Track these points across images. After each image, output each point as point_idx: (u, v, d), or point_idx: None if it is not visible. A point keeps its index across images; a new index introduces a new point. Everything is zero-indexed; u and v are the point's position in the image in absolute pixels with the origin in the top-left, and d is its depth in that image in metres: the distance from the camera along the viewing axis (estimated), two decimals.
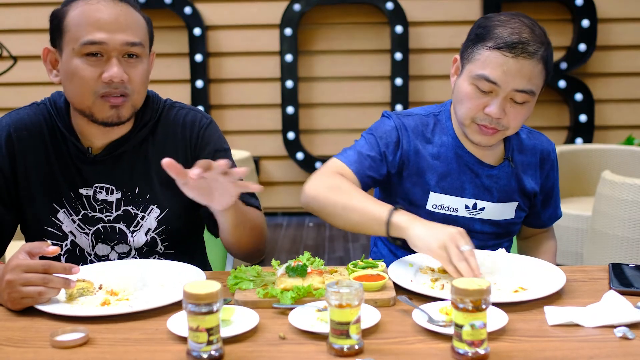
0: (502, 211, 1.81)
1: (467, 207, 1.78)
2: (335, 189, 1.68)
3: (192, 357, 1.16)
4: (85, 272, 1.57)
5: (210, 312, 1.15)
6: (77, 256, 1.71)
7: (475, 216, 1.79)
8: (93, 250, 1.73)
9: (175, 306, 1.39)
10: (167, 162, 1.41)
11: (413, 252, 1.64)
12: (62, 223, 1.70)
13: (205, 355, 1.16)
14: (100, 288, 1.50)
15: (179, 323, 1.28)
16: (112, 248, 1.73)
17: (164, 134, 1.74)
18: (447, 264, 1.47)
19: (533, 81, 1.63)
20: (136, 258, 1.74)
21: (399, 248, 1.78)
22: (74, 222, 1.70)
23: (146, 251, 1.75)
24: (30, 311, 1.39)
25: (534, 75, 1.63)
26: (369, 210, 1.62)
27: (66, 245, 1.72)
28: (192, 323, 1.15)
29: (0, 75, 4.42)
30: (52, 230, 1.70)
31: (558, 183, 1.92)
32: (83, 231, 1.71)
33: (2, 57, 4.68)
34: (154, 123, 1.73)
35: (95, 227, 1.71)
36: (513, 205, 1.82)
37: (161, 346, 1.24)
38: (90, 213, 1.70)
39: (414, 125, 1.79)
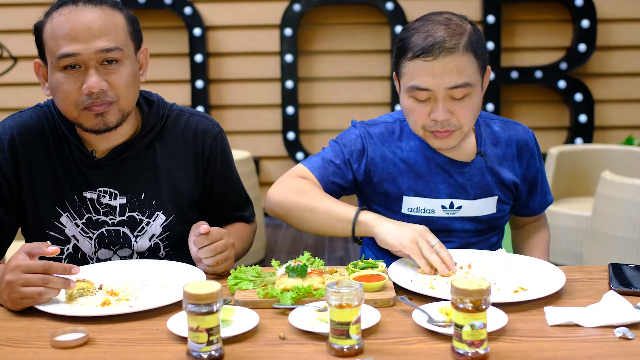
0: (480, 207, 1.80)
1: (443, 207, 1.78)
2: (299, 192, 1.72)
3: (192, 357, 1.16)
4: (85, 272, 1.57)
5: (210, 313, 1.15)
6: (78, 260, 1.71)
7: (453, 215, 1.78)
8: (95, 254, 1.73)
9: (175, 306, 1.39)
10: (205, 228, 1.53)
11: (398, 257, 1.66)
12: (65, 227, 1.69)
13: (205, 356, 1.16)
14: (100, 288, 1.50)
15: (179, 323, 1.28)
16: (115, 252, 1.73)
17: (174, 141, 1.74)
18: (419, 257, 1.55)
19: (464, 73, 1.62)
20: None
21: (384, 254, 1.79)
22: (77, 225, 1.69)
23: (148, 255, 1.75)
24: (30, 311, 1.39)
25: (462, 67, 1.62)
26: (335, 211, 1.68)
27: (68, 249, 1.71)
28: (192, 323, 1.16)
29: (0, 75, 4.42)
30: (54, 234, 1.69)
31: (543, 169, 1.90)
32: (86, 235, 1.70)
33: (2, 57, 4.68)
34: (159, 128, 1.73)
35: (99, 231, 1.70)
36: (493, 199, 1.81)
37: (161, 346, 1.24)
38: (94, 216, 1.69)
39: (379, 133, 1.80)
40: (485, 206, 1.80)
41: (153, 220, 1.72)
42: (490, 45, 5.06)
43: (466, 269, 1.60)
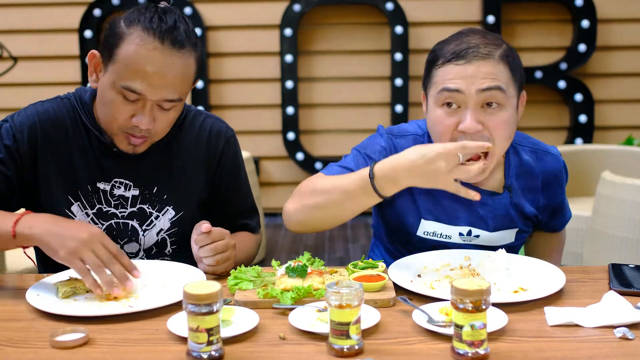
0: (499, 238, 1.73)
1: (461, 234, 1.71)
2: (310, 196, 1.60)
3: (192, 358, 1.16)
4: None
5: (210, 313, 1.15)
6: None
7: (470, 242, 1.72)
8: None
9: (176, 306, 1.39)
10: (206, 227, 1.55)
11: (412, 253, 1.65)
12: (75, 216, 1.71)
13: (205, 356, 1.16)
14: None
15: (179, 323, 1.28)
16: (122, 247, 1.74)
17: (190, 140, 1.78)
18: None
19: (498, 78, 1.53)
20: (143, 259, 1.74)
21: (397, 251, 1.78)
22: (88, 215, 1.72)
23: (155, 252, 1.76)
24: (30, 311, 1.40)
25: (496, 74, 1.53)
26: (347, 184, 1.53)
27: None
28: (192, 323, 1.16)
29: (0, 75, 4.42)
30: None
31: (564, 192, 1.81)
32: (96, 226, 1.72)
33: (2, 57, 4.68)
34: (179, 125, 1.76)
35: (108, 223, 1.72)
36: (512, 231, 1.74)
37: (161, 346, 1.24)
38: (105, 208, 1.72)
39: (404, 146, 1.64)
40: (504, 237, 1.74)
41: (162, 215, 1.75)
42: None
43: (468, 270, 1.60)
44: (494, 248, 1.71)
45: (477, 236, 1.72)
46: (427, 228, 1.71)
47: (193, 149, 1.78)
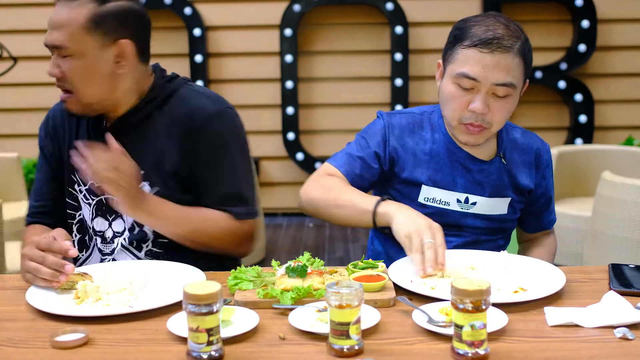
0: (494, 206, 1.83)
1: (459, 201, 1.80)
2: (326, 189, 1.77)
3: (192, 358, 1.16)
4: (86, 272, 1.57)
5: (210, 313, 1.15)
6: (82, 228, 1.82)
7: (467, 210, 1.81)
8: (92, 222, 1.78)
9: (176, 306, 1.39)
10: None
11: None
12: (79, 194, 1.80)
13: (205, 356, 1.16)
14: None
15: (179, 323, 1.28)
16: (110, 225, 1.77)
17: (170, 113, 1.75)
18: (408, 252, 1.57)
19: (512, 74, 1.68)
20: (128, 246, 1.74)
21: (393, 246, 1.78)
22: (81, 192, 1.79)
23: (137, 232, 1.74)
24: (30, 311, 1.40)
25: (512, 68, 1.68)
26: (357, 204, 1.71)
27: (80, 215, 1.82)
28: (192, 323, 1.16)
29: (0, 75, 4.42)
30: (70, 201, 1.82)
31: (553, 186, 1.95)
32: (87, 202, 1.79)
33: (2, 57, 4.68)
34: (160, 100, 1.75)
35: (98, 198, 1.77)
36: (505, 201, 1.84)
37: (161, 347, 1.24)
38: (95, 183, 1.73)
39: (405, 123, 1.84)
40: (498, 206, 1.83)
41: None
42: None
43: (469, 270, 1.60)
44: (489, 218, 1.82)
45: (474, 203, 1.81)
46: (427, 194, 1.81)
47: (169, 125, 1.74)
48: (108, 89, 1.70)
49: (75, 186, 1.80)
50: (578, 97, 5.08)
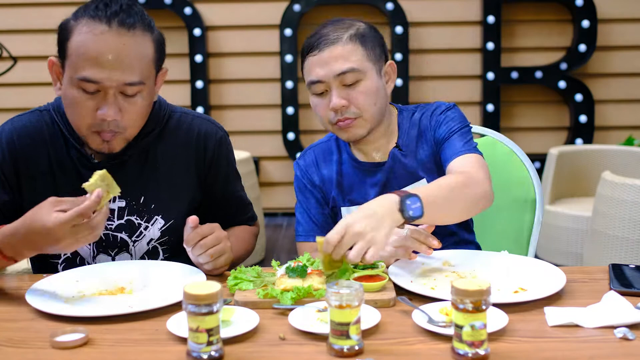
0: None
1: None
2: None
3: (192, 358, 1.16)
4: (85, 273, 1.57)
5: (210, 313, 1.15)
6: (77, 266, 1.68)
7: None
8: (94, 260, 1.71)
9: (175, 306, 1.39)
10: (193, 219, 1.51)
11: None
12: None
13: (205, 356, 1.16)
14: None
15: (179, 323, 1.28)
16: (113, 258, 1.71)
17: (176, 143, 1.72)
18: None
19: (350, 59, 1.70)
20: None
21: None
22: None
23: (147, 259, 1.73)
24: (30, 311, 1.40)
25: (347, 55, 1.70)
26: None
27: (65, 254, 1.69)
28: (192, 324, 1.15)
29: (0, 75, 4.42)
30: None
31: (460, 129, 1.77)
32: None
33: (2, 57, 4.68)
34: (160, 130, 1.71)
35: None
36: (422, 182, 1.80)
37: (161, 347, 1.24)
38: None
39: (314, 158, 1.90)
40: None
41: (152, 225, 1.70)
42: (490, 45, 5.06)
43: (472, 272, 1.60)
44: None
45: None
46: (347, 214, 1.81)
47: (180, 154, 1.72)
48: (143, 124, 1.64)
49: None
50: (578, 97, 5.08)
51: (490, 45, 5.06)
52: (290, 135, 5.22)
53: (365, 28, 1.75)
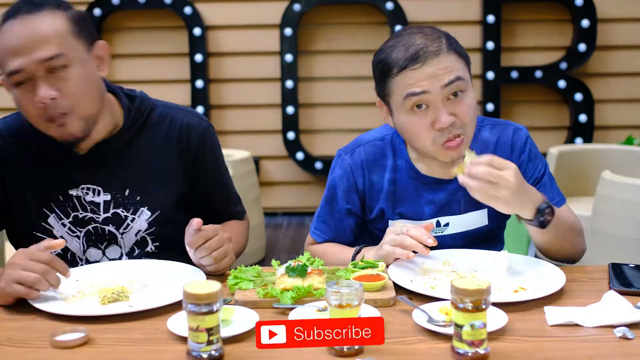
0: (470, 221, 1.75)
1: None
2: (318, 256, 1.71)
3: (192, 357, 1.16)
4: (85, 273, 1.57)
5: (210, 312, 1.15)
6: (67, 261, 1.68)
7: (442, 233, 1.75)
8: (84, 254, 1.72)
9: (175, 306, 1.39)
10: (197, 222, 1.50)
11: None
12: (53, 227, 1.69)
13: (205, 355, 1.16)
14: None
15: (179, 323, 1.28)
16: (104, 253, 1.72)
17: (160, 136, 1.73)
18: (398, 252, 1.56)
19: (454, 70, 1.59)
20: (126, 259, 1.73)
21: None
22: (64, 225, 1.69)
23: (137, 253, 1.74)
24: (30, 311, 1.40)
25: (451, 65, 1.59)
26: (339, 258, 1.74)
27: (56, 250, 1.67)
28: (192, 323, 1.16)
29: (0, 75, 4.41)
30: (42, 235, 1.68)
31: (547, 171, 1.77)
32: (74, 234, 1.70)
33: None
34: (142, 122, 1.72)
35: (85, 229, 1.70)
36: (482, 212, 1.75)
37: (161, 346, 1.24)
38: (81, 214, 1.69)
39: (366, 157, 1.76)
40: (475, 219, 1.76)
41: (138, 216, 1.71)
42: (490, 45, 5.06)
43: (472, 272, 1.60)
44: (468, 234, 1.76)
45: (447, 225, 1.75)
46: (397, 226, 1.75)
47: (164, 145, 1.72)
48: (99, 98, 1.62)
49: (51, 220, 1.68)
50: (578, 96, 5.08)
51: (490, 45, 5.06)
52: (290, 135, 5.21)
53: (449, 36, 1.65)
